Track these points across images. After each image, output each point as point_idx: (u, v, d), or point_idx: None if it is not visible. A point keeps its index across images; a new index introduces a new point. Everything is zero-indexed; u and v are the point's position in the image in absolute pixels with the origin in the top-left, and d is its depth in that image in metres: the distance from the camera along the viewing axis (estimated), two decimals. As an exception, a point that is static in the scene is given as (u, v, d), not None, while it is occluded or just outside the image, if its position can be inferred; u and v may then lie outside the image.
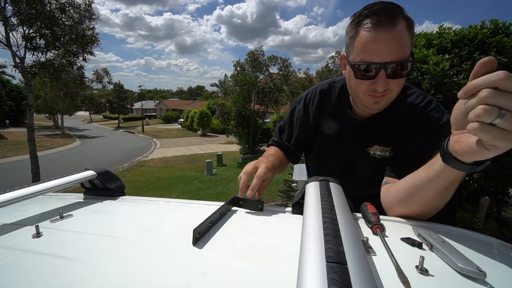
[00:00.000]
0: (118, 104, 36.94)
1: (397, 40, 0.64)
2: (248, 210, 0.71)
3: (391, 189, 0.72)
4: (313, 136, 0.99)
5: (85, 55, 9.65)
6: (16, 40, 8.71)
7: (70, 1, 8.90)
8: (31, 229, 0.59)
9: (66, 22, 8.93)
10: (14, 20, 8.53)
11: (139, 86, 38.08)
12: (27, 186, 0.71)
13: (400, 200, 0.67)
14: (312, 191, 0.55)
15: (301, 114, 0.99)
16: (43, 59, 8.78)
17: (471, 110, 0.39)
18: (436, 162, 0.55)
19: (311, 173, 1.11)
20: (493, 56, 2.24)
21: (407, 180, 0.65)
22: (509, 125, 0.37)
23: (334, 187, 0.58)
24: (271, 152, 1.00)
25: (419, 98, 0.80)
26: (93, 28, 9.70)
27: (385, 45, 0.64)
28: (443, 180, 0.54)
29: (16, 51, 8.73)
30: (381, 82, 0.67)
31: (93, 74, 13.55)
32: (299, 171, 1.05)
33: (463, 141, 0.45)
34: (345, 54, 0.76)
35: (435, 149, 0.60)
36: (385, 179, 0.79)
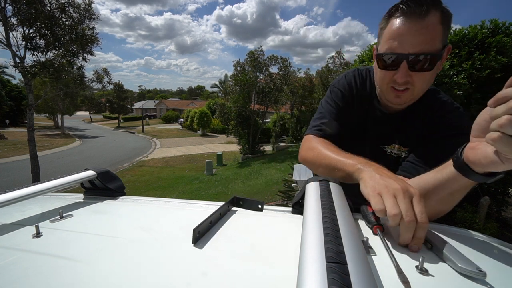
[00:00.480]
0: (118, 104, 36.92)
1: (424, 32, 0.62)
2: (248, 210, 0.71)
3: None
4: (342, 121, 0.89)
5: (85, 55, 9.65)
6: (16, 40, 8.71)
7: (70, 1, 8.89)
8: (31, 229, 0.59)
9: (66, 22, 8.93)
10: (14, 20, 8.53)
11: (139, 86, 38.12)
12: (27, 186, 0.71)
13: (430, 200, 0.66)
14: (312, 191, 0.55)
15: (340, 95, 0.90)
16: (43, 59, 8.78)
17: (496, 119, 0.38)
18: (447, 167, 0.54)
19: None
20: (493, 56, 2.25)
21: (415, 181, 0.63)
22: None
23: (334, 187, 0.58)
24: (336, 150, 0.77)
25: (446, 103, 0.78)
26: (93, 28, 9.70)
27: (411, 36, 0.63)
28: (450, 186, 0.53)
29: (16, 51, 8.73)
30: (402, 73, 0.66)
31: (93, 74, 13.54)
32: (299, 171, 1.05)
33: (478, 149, 0.45)
34: (375, 47, 0.76)
35: (451, 155, 0.58)
36: None
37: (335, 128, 0.87)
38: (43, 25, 8.41)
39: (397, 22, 0.64)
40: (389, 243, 0.49)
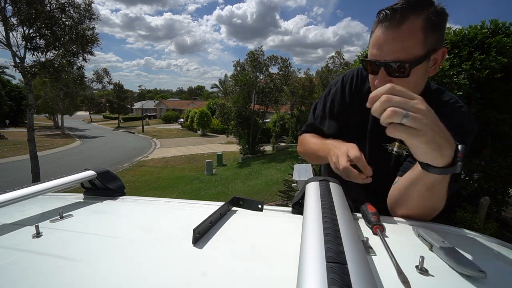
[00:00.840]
0: (118, 104, 36.92)
1: (398, 40, 0.64)
2: (248, 210, 0.71)
3: (392, 189, 0.73)
4: (341, 119, 0.96)
5: (85, 55, 9.66)
6: (16, 40, 8.72)
7: (70, 1, 8.90)
8: (31, 229, 0.59)
9: (66, 22, 8.93)
10: (14, 20, 8.53)
11: (139, 86, 38.09)
12: (27, 186, 0.71)
13: (396, 200, 0.70)
14: (312, 191, 0.55)
15: (338, 95, 0.95)
16: (43, 59, 8.78)
17: (382, 115, 0.47)
18: (417, 166, 0.58)
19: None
20: (493, 56, 2.25)
21: (400, 181, 0.68)
22: (414, 123, 0.45)
23: (334, 187, 0.58)
24: (320, 141, 0.90)
25: (451, 100, 0.78)
26: (93, 28, 9.71)
27: (386, 44, 0.66)
28: (423, 182, 0.58)
29: (16, 51, 8.73)
30: (380, 79, 0.69)
31: (93, 74, 13.55)
32: (299, 171, 1.04)
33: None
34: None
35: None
36: (396, 178, 0.77)
37: (324, 125, 0.98)
38: (43, 25, 8.42)
39: (378, 29, 0.68)
40: (389, 243, 0.49)
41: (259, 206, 0.70)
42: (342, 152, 0.68)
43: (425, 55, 0.65)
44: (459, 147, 0.51)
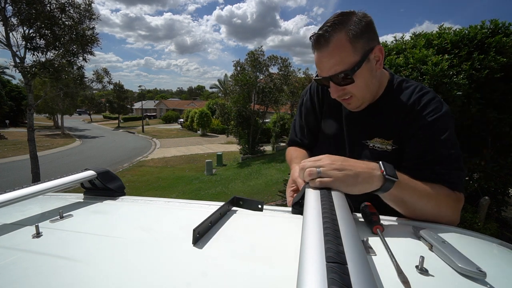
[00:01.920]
0: (118, 104, 36.90)
1: (331, 56, 0.73)
2: (248, 210, 0.71)
3: None
4: (318, 126, 1.03)
5: (85, 55, 9.65)
6: (16, 40, 8.72)
7: (70, 1, 8.89)
8: (31, 229, 0.59)
9: (66, 22, 8.93)
10: (14, 20, 8.53)
11: (139, 86, 38.08)
12: (27, 186, 0.71)
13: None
14: (312, 191, 0.56)
15: (308, 104, 1.03)
16: (43, 59, 8.78)
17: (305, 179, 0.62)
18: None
19: None
20: (492, 56, 2.25)
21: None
22: (326, 173, 0.58)
23: (334, 187, 0.58)
24: (295, 155, 1.03)
25: (415, 90, 0.80)
26: (93, 28, 9.70)
27: (323, 63, 0.75)
28: (389, 198, 0.63)
29: (16, 51, 8.73)
30: (333, 91, 0.78)
31: (93, 74, 13.54)
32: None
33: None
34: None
35: (440, 142, 0.72)
36: None
37: (304, 137, 1.08)
38: (43, 25, 8.42)
39: (314, 53, 0.77)
40: (389, 243, 0.49)
41: (259, 206, 0.70)
42: (289, 183, 0.81)
43: (361, 60, 0.73)
44: (379, 164, 0.60)
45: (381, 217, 0.60)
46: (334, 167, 0.59)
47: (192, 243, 0.51)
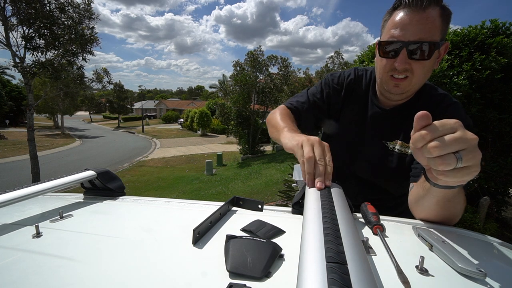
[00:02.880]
0: (118, 104, 36.89)
1: (424, 22, 0.66)
2: (248, 210, 0.71)
3: (409, 194, 0.72)
4: (336, 116, 0.97)
5: (84, 54, 9.65)
6: (16, 40, 8.72)
7: (70, 1, 8.89)
8: (31, 229, 0.59)
9: (66, 22, 8.92)
10: (13, 20, 8.53)
11: (139, 86, 38.10)
12: (27, 186, 0.71)
13: (413, 206, 0.68)
14: (312, 191, 0.55)
15: (332, 88, 0.95)
16: (42, 59, 8.78)
17: (432, 163, 0.42)
18: (424, 181, 0.55)
19: None
20: (493, 56, 2.25)
21: (415, 190, 0.67)
22: (469, 161, 0.39)
23: (334, 187, 0.58)
24: (289, 122, 0.87)
25: (445, 99, 0.80)
26: (93, 27, 9.70)
27: (411, 26, 0.67)
28: (435, 194, 0.55)
29: (16, 51, 8.73)
30: (401, 60, 0.70)
31: (93, 74, 13.54)
32: (299, 171, 1.05)
33: (431, 173, 0.47)
34: (377, 40, 0.80)
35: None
36: (411, 184, 0.76)
37: (307, 109, 0.95)
38: (42, 25, 8.41)
39: (399, 13, 0.70)
40: (389, 243, 0.49)
41: (259, 206, 0.70)
42: (317, 140, 0.64)
43: (440, 42, 0.69)
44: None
45: (381, 217, 0.60)
46: (473, 142, 0.40)
47: (192, 243, 0.51)
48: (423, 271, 0.41)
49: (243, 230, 0.57)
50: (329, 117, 0.98)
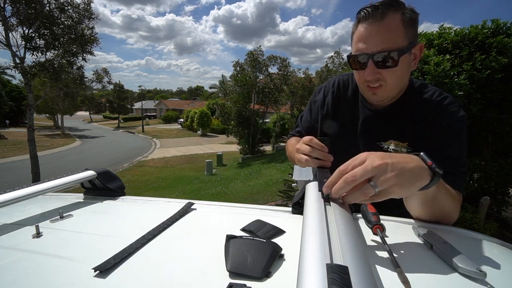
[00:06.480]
0: (118, 104, 36.87)
1: (383, 32, 0.69)
2: (250, 210, 0.71)
3: None
4: (330, 125, 0.99)
5: (84, 55, 9.65)
6: (16, 40, 8.72)
7: (69, 1, 8.89)
8: (31, 229, 0.59)
9: (65, 22, 8.92)
10: (13, 20, 8.53)
11: (139, 86, 38.12)
12: (27, 186, 0.71)
13: (406, 205, 0.67)
14: (312, 191, 0.55)
15: (319, 103, 1.01)
16: (42, 59, 8.78)
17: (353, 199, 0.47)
18: None
19: None
20: (493, 56, 2.25)
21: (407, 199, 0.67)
22: (384, 184, 0.43)
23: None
24: (293, 142, 1.00)
25: (435, 94, 0.81)
26: (93, 27, 9.70)
27: (372, 37, 0.70)
28: (416, 197, 0.56)
29: (16, 51, 8.73)
30: (370, 71, 0.72)
31: (93, 74, 13.55)
32: (299, 171, 1.05)
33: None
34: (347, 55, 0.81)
35: (452, 145, 0.72)
36: None
37: (307, 133, 1.00)
38: (42, 25, 8.41)
39: (361, 27, 0.72)
40: (389, 243, 0.49)
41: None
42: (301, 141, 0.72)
43: (408, 47, 0.70)
44: (422, 156, 0.49)
45: (381, 217, 0.60)
46: (387, 171, 0.44)
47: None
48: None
49: (243, 230, 0.57)
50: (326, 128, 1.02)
